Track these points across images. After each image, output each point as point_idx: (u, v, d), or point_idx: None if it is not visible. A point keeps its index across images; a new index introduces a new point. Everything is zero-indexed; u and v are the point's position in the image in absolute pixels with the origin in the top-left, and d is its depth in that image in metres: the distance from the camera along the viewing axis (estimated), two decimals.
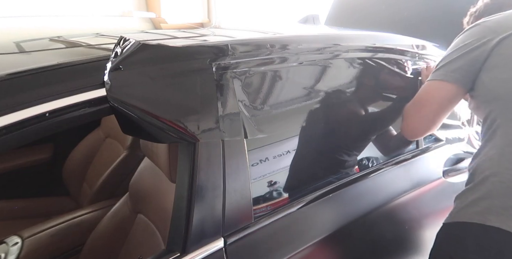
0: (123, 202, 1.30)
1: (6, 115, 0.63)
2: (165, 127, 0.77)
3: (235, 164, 0.91)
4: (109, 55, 0.78)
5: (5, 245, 1.30)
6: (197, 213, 0.86)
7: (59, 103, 0.68)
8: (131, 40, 0.78)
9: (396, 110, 1.26)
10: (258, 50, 0.94)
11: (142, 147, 1.18)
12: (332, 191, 1.11)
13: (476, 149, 1.06)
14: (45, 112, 0.67)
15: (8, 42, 0.94)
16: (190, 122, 0.80)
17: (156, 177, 1.13)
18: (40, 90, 0.67)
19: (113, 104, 0.74)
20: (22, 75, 0.67)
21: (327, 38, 1.21)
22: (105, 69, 0.74)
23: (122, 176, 1.63)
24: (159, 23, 1.65)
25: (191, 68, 0.81)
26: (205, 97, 0.82)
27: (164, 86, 0.78)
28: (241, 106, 0.87)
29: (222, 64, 0.86)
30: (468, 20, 1.28)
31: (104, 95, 0.74)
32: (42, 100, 0.66)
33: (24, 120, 0.64)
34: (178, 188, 0.90)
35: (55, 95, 0.68)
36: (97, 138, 1.86)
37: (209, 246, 0.88)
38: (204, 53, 0.84)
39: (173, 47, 0.82)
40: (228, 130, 0.84)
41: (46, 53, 0.86)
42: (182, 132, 0.79)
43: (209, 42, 0.97)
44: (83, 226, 1.44)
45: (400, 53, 1.29)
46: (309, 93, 1.06)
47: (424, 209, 1.38)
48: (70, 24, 1.43)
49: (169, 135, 0.78)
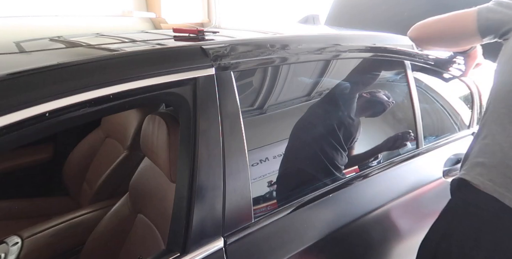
0: (123, 202, 1.30)
1: (6, 115, 0.62)
2: None
3: (235, 164, 0.91)
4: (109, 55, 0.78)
5: (5, 245, 1.30)
6: (197, 213, 0.86)
7: (59, 103, 0.68)
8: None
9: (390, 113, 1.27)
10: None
11: (142, 147, 1.18)
12: (332, 191, 1.11)
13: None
14: (45, 112, 0.66)
15: (8, 42, 0.94)
16: None
17: (156, 177, 1.13)
18: (40, 90, 0.67)
19: None
20: (22, 75, 0.67)
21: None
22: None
23: (122, 176, 1.63)
24: (159, 23, 1.65)
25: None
26: None
27: None
28: None
29: None
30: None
31: (104, 95, 0.74)
32: (42, 100, 0.66)
33: (24, 120, 0.64)
34: (178, 188, 0.90)
35: (55, 95, 0.68)
36: (97, 138, 1.86)
37: (209, 246, 0.88)
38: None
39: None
40: None
41: (46, 53, 0.86)
42: None
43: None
44: (83, 226, 1.44)
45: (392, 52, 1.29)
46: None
47: (424, 210, 1.38)
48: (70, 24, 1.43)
49: None
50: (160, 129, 1.04)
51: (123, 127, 1.70)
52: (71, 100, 0.69)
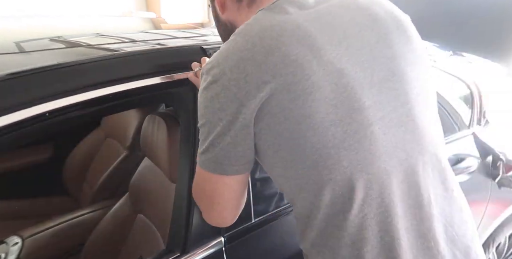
0: (123, 202, 1.30)
1: (6, 115, 0.63)
2: None
3: None
4: (109, 55, 0.78)
5: (5, 245, 1.30)
6: (197, 213, 0.86)
7: (59, 103, 0.68)
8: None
9: None
10: None
11: (142, 147, 1.18)
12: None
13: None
14: (45, 112, 0.66)
15: (8, 42, 0.94)
16: None
17: (156, 177, 1.12)
18: (40, 90, 0.67)
19: None
20: (22, 75, 0.67)
21: None
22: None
23: (122, 176, 1.63)
24: (159, 23, 1.65)
25: None
26: None
27: None
28: None
29: None
30: None
31: (104, 95, 0.74)
32: (42, 100, 0.66)
33: (24, 120, 0.64)
34: (178, 188, 0.90)
35: (55, 95, 0.68)
36: (97, 138, 1.86)
37: (209, 246, 0.88)
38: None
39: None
40: None
41: (46, 53, 0.86)
42: None
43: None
44: (83, 226, 1.43)
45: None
46: None
47: None
48: (70, 24, 1.43)
49: None
50: (160, 129, 1.04)
51: (123, 128, 1.70)
52: (71, 100, 0.69)
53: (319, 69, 0.60)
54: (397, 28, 0.69)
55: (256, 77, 0.59)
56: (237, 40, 0.63)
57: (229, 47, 0.63)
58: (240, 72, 0.60)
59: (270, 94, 0.59)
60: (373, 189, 0.63)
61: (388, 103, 0.65)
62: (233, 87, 0.60)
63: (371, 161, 0.63)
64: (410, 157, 0.66)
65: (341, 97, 0.61)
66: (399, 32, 0.69)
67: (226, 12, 0.75)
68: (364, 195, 0.62)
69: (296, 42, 0.60)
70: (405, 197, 0.65)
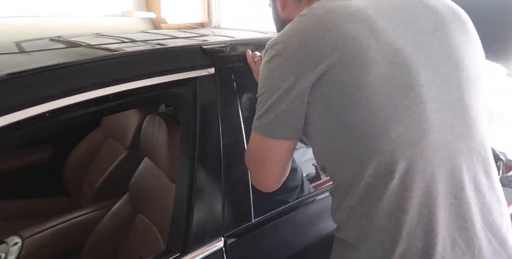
0: (123, 202, 1.30)
1: (6, 115, 0.63)
2: None
3: (235, 164, 0.91)
4: (109, 55, 0.78)
5: (5, 245, 1.30)
6: (197, 213, 0.86)
7: (59, 103, 0.68)
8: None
9: None
10: None
11: (142, 147, 1.18)
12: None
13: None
14: (45, 112, 0.66)
15: (8, 42, 0.94)
16: None
17: (156, 177, 1.12)
18: (40, 90, 0.67)
19: None
20: (22, 75, 0.67)
21: None
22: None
23: (122, 176, 1.63)
24: (159, 23, 1.65)
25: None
26: None
27: None
28: None
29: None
30: None
31: (104, 95, 0.74)
32: (42, 100, 0.66)
33: (24, 120, 0.64)
34: (178, 188, 0.90)
35: (55, 95, 0.68)
36: (97, 138, 1.86)
37: (209, 246, 0.88)
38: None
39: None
40: None
41: (46, 53, 0.86)
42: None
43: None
44: (83, 226, 1.44)
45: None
46: None
47: None
48: (70, 24, 1.43)
49: None
50: (160, 129, 1.04)
51: (123, 128, 1.70)
52: (71, 100, 0.69)
53: (376, 47, 0.63)
54: (454, 20, 0.72)
55: (316, 51, 0.63)
56: (302, 20, 0.67)
57: (294, 26, 0.67)
58: (301, 46, 0.64)
59: (329, 67, 0.63)
60: (417, 163, 0.65)
61: (442, 85, 0.67)
62: (294, 60, 0.65)
63: (419, 137, 0.65)
64: (457, 140, 0.68)
65: (395, 74, 0.64)
66: (456, 24, 0.72)
67: (286, 10, 0.80)
68: (407, 168, 0.64)
69: (356, 22, 0.64)
70: (447, 176, 0.67)
